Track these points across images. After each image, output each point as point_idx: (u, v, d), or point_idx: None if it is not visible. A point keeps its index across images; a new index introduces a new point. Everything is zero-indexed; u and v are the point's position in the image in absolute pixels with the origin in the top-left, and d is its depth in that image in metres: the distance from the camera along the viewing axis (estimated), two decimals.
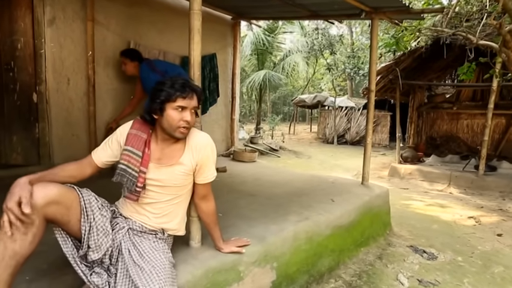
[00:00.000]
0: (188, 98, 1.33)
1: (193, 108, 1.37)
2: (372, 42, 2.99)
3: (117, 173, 1.37)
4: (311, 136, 13.69)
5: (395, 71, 5.58)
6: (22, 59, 3.06)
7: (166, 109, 1.33)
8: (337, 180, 3.41)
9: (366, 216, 2.76)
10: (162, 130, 1.39)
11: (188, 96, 1.33)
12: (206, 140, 1.47)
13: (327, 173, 6.37)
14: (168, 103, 1.32)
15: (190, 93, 1.34)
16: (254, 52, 11.15)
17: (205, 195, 1.54)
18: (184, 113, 1.34)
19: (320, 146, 11.29)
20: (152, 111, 1.36)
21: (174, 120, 1.33)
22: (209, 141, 1.48)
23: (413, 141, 6.97)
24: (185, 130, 1.36)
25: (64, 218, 1.23)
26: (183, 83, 1.34)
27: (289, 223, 2.10)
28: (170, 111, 1.33)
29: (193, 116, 1.39)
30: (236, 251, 1.63)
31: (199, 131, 1.51)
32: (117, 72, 3.51)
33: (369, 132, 3.11)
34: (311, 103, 13.14)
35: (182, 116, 1.33)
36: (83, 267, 1.29)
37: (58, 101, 3.14)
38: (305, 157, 8.62)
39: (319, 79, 21.17)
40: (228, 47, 4.73)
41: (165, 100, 1.32)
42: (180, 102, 1.32)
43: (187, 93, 1.32)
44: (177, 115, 1.33)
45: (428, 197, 4.75)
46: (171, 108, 1.33)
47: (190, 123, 1.36)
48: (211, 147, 1.48)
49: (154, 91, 1.33)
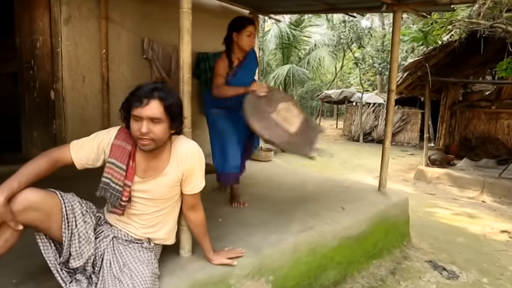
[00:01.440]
0: (141, 107, 1.20)
1: (151, 118, 1.21)
2: (394, 38, 2.75)
3: (101, 187, 1.32)
4: (336, 133, 13.27)
5: (424, 67, 5.18)
6: (41, 57, 3.16)
7: (130, 119, 1.25)
8: (352, 184, 3.22)
9: (380, 226, 2.57)
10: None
11: (142, 105, 1.20)
12: (192, 149, 1.38)
13: (348, 173, 6.12)
14: (130, 112, 1.24)
15: (145, 101, 1.20)
16: (279, 46, 10.94)
17: (194, 205, 1.46)
18: (140, 123, 1.23)
19: (345, 143, 10.90)
20: (124, 120, 1.29)
21: (133, 130, 1.25)
22: (195, 150, 1.40)
23: (444, 142, 6.49)
24: (145, 142, 1.24)
25: (44, 224, 1.21)
26: (142, 91, 1.23)
27: (290, 233, 1.98)
28: (131, 120, 1.25)
29: (157, 127, 1.23)
30: (227, 263, 1.55)
31: (186, 139, 1.42)
32: (131, 69, 3.53)
33: (388, 135, 2.88)
34: (337, 99, 12.71)
35: (139, 127, 1.23)
36: (64, 274, 1.27)
37: (74, 99, 3.21)
38: (327, 155, 8.34)
39: (348, 73, 20.44)
40: None
41: (127, 109, 1.24)
42: (134, 111, 1.22)
43: (140, 101, 1.20)
44: (135, 125, 1.24)
45: (456, 205, 4.39)
46: (132, 117, 1.24)
47: (151, 134, 1.23)
48: (198, 155, 1.40)
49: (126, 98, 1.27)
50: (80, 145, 1.32)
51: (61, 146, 1.32)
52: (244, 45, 2.27)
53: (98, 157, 1.32)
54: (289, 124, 2.09)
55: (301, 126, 2.14)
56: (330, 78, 20.32)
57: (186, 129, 1.51)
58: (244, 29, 2.22)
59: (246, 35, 2.23)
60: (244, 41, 2.24)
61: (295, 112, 2.22)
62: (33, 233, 1.25)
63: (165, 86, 1.30)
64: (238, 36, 2.25)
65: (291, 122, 2.12)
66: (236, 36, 2.26)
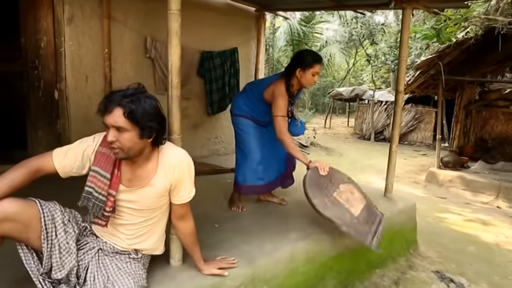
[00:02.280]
0: (106, 115, 1.17)
1: (114, 126, 1.16)
2: (403, 36, 2.62)
3: (83, 196, 1.27)
4: (347, 131, 13.04)
5: (437, 65, 4.96)
6: (45, 57, 3.17)
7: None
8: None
9: (385, 234, 2.45)
10: None
11: (106, 113, 1.16)
12: (180, 158, 1.33)
13: (357, 174, 5.96)
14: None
15: (109, 108, 1.16)
16: (289, 43, 10.79)
17: (183, 215, 1.42)
18: (108, 130, 1.19)
19: (355, 142, 10.70)
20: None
21: (106, 138, 1.21)
22: (183, 159, 1.34)
23: (458, 143, 6.25)
24: (114, 150, 1.20)
25: (22, 235, 1.18)
26: (109, 96, 1.18)
27: (287, 242, 1.91)
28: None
29: (124, 135, 1.17)
30: (217, 273, 1.50)
31: (174, 148, 1.36)
32: (134, 69, 3.51)
33: (395, 138, 2.76)
34: (348, 96, 12.46)
35: (107, 134, 1.19)
36: (47, 285, 1.24)
37: (77, 98, 3.21)
38: (336, 155, 8.20)
39: (360, 70, 20.04)
40: (251, 41, 4.54)
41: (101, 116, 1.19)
42: (104, 120, 1.18)
43: (105, 109, 1.16)
44: (107, 133, 1.20)
45: (468, 210, 4.21)
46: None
47: (117, 143, 1.17)
48: (187, 164, 1.34)
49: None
50: (64, 153, 1.27)
51: (43, 154, 1.27)
52: (307, 84, 2.14)
53: (83, 165, 1.28)
54: (351, 206, 2.01)
55: (364, 210, 2.06)
56: (342, 75, 19.98)
57: (175, 135, 1.46)
58: (311, 67, 2.07)
59: (311, 73, 2.09)
60: (308, 80, 2.11)
61: (357, 195, 2.14)
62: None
63: (139, 91, 1.21)
64: (302, 74, 2.10)
65: (353, 205, 2.03)
66: (300, 73, 2.10)
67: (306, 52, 2.24)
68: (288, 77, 2.15)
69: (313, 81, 2.15)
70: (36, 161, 1.25)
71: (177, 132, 1.45)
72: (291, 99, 2.20)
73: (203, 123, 4.33)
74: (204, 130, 4.37)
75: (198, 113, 4.21)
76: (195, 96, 4.10)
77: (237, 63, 4.32)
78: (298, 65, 2.12)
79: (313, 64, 2.09)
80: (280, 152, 2.34)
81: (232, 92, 4.35)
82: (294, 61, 2.17)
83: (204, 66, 4.03)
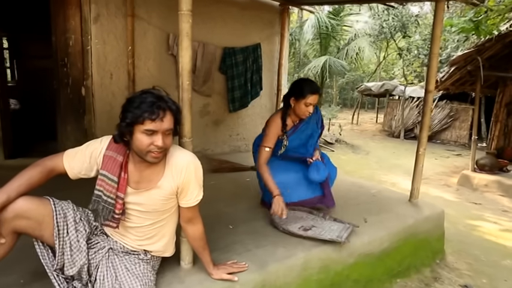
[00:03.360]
0: (158, 120, 1.15)
1: (166, 131, 1.19)
2: (435, 31, 2.42)
3: (93, 200, 1.29)
4: (375, 128, 12.56)
5: (476, 60, 4.59)
6: (73, 55, 3.28)
7: (134, 132, 1.17)
8: (380, 192, 2.97)
9: (407, 242, 2.33)
10: (135, 153, 1.25)
11: (158, 118, 1.15)
12: (187, 160, 1.31)
13: (383, 174, 5.74)
14: (136, 125, 1.16)
15: (161, 113, 1.15)
16: (316, 37, 10.50)
17: (191, 218, 1.40)
18: (154, 137, 1.17)
19: (384, 140, 10.27)
20: (121, 134, 1.22)
21: (143, 144, 1.18)
22: (191, 161, 1.31)
23: (496, 144, 5.80)
24: (158, 154, 1.21)
25: (36, 232, 1.22)
26: (152, 102, 1.15)
27: (301, 247, 1.85)
28: (138, 134, 1.17)
29: (169, 138, 1.22)
30: (227, 278, 1.48)
31: (181, 150, 1.35)
32: (157, 66, 3.56)
33: (423, 141, 2.58)
34: (378, 92, 11.98)
35: (152, 141, 1.17)
36: (61, 280, 1.28)
37: (102, 95, 3.31)
38: (363, 153, 7.92)
39: (391, 64, 19.18)
40: (274, 36, 4.44)
41: (131, 123, 1.16)
42: (148, 126, 1.15)
43: (156, 114, 1.14)
44: (147, 139, 1.17)
45: (506, 219, 3.89)
46: (139, 131, 1.16)
47: (164, 147, 1.20)
48: (194, 167, 1.32)
49: (122, 111, 1.19)
50: (73, 154, 1.30)
51: (57, 154, 1.30)
52: (301, 114, 2.08)
53: (91, 167, 1.30)
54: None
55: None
56: (372, 69, 19.24)
57: (185, 139, 1.43)
58: (304, 97, 2.00)
59: (304, 103, 2.02)
60: (302, 110, 2.04)
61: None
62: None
63: (160, 91, 1.23)
64: (296, 103, 2.05)
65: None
66: (293, 102, 2.06)
67: (303, 81, 2.15)
68: (285, 107, 2.14)
69: (307, 112, 2.06)
70: (50, 161, 1.29)
71: (187, 136, 1.42)
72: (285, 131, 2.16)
73: (225, 120, 4.32)
74: (226, 127, 4.36)
75: (220, 109, 4.21)
76: (217, 93, 4.09)
77: (259, 59, 4.25)
78: (292, 93, 2.08)
79: (306, 94, 2.01)
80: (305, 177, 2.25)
81: (254, 89, 4.30)
82: (290, 89, 2.14)
83: (226, 63, 4.00)
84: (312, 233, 1.97)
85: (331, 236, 1.92)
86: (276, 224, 2.09)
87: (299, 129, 2.22)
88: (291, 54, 11.96)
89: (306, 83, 2.10)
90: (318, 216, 2.24)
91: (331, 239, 1.89)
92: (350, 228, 2.02)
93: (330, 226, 2.07)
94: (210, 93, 4.00)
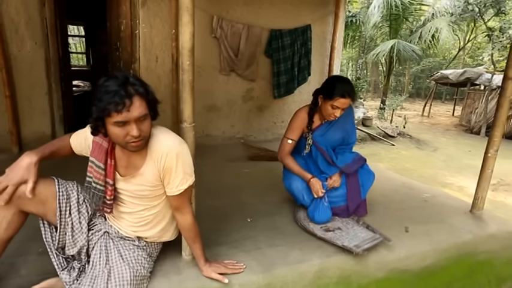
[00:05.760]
0: (125, 111, 1.03)
1: (139, 117, 1.07)
2: None
3: (85, 186, 1.28)
4: (450, 122, 11.04)
5: None
6: (124, 39, 3.44)
7: (106, 125, 1.08)
8: (435, 197, 2.53)
9: (460, 262, 1.93)
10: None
11: (125, 108, 1.02)
12: (168, 146, 1.19)
13: (450, 175, 4.98)
14: (106, 118, 1.05)
15: (127, 102, 1.03)
16: (385, 18, 9.48)
17: (178, 207, 1.30)
18: (127, 127, 1.07)
19: (459, 135, 8.96)
20: (94, 129, 1.13)
21: (119, 136, 1.09)
22: (174, 147, 1.20)
23: None
24: (137, 143, 1.11)
25: (40, 211, 1.25)
26: (114, 92, 1.02)
27: (319, 252, 1.64)
28: (110, 127, 1.07)
29: (145, 123, 1.11)
30: (216, 278, 1.37)
31: (165, 134, 1.22)
32: (200, 49, 3.52)
33: (495, 140, 2.09)
34: (457, 80, 10.42)
35: (127, 131, 1.08)
36: (61, 260, 1.31)
37: (147, 78, 3.32)
38: (429, 149, 7.00)
39: (477, 49, 16.47)
40: (328, 16, 4.08)
41: (97, 118, 1.06)
42: (116, 118, 1.04)
43: (121, 105, 1.02)
44: (120, 131, 1.07)
45: None
46: (110, 124, 1.06)
47: (141, 135, 1.10)
48: (176, 153, 1.19)
49: (88, 105, 1.08)
50: (79, 134, 1.33)
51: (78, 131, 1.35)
52: (326, 115, 1.88)
53: (87, 149, 1.30)
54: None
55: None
56: (454, 54, 16.83)
57: (185, 124, 1.33)
58: (331, 99, 1.81)
59: (330, 105, 1.82)
60: (328, 111, 1.85)
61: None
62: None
63: (126, 72, 1.12)
64: (323, 102, 1.87)
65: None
66: (321, 100, 1.88)
67: (337, 80, 1.90)
68: (314, 103, 1.94)
69: (333, 115, 1.85)
70: (69, 136, 1.35)
71: (188, 121, 1.31)
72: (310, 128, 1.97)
73: (269, 106, 4.17)
74: (270, 113, 4.20)
75: (264, 95, 4.06)
76: (261, 78, 3.94)
77: (309, 41, 3.96)
78: (322, 91, 1.89)
79: (334, 97, 1.80)
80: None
81: (301, 74, 4.03)
82: (322, 85, 1.91)
83: (272, 46, 3.81)
84: (332, 235, 1.75)
85: (348, 243, 1.67)
86: (297, 219, 1.92)
87: (327, 130, 1.99)
88: (356, 39, 11.04)
89: (339, 83, 1.85)
90: (351, 219, 1.98)
91: (345, 246, 1.64)
92: (378, 240, 1.72)
93: (357, 233, 1.80)
94: (253, 77, 3.86)
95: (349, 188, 1.99)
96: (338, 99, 1.79)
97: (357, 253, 1.59)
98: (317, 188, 1.90)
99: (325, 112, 1.88)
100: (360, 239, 1.72)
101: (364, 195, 2.07)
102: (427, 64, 18.48)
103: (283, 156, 1.98)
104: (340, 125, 2.01)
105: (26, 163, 1.16)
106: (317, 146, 1.99)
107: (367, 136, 7.19)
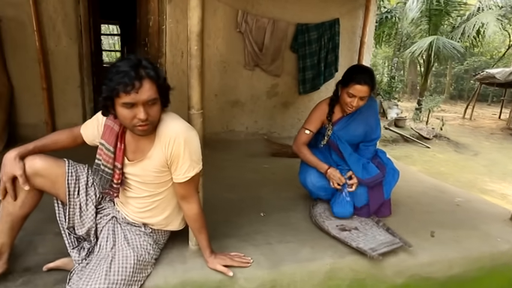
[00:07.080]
0: (133, 92, 1.03)
1: (148, 101, 1.07)
2: None
3: (94, 168, 1.30)
4: (496, 125, 10.18)
5: None
6: (152, 35, 3.53)
7: (115, 105, 1.09)
8: (470, 202, 2.31)
9: (495, 273, 1.74)
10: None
11: (133, 90, 1.03)
12: (176, 131, 1.18)
13: (491, 182, 4.57)
14: (115, 99, 1.06)
15: (137, 84, 1.03)
16: (424, 14, 8.94)
17: (184, 196, 1.29)
18: (135, 109, 1.07)
19: (504, 140, 8.23)
20: (104, 108, 1.14)
21: (126, 118, 1.09)
22: (180, 133, 1.18)
23: None
24: (144, 127, 1.11)
25: (51, 190, 1.29)
26: (125, 73, 1.02)
27: (331, 252, 1.56)
28: (119, 108, 1.08)
29: (154, 108, 1.10)
30: (220, 270, 1.33)
31: (174, 119, 1.21)
32: (225, 43, 3.54)
33: None
34: (505, 80, 9.58)
35: (134, 113, 1.08)
36: (72, 239, 1.34)
37: (173, 73, 3.48)
38: (469, 153, 6.49)
39: None
40: (358, 10, 3.90)
41: (107, 97, 1.07)
42: (124, 99, 1.04)
43: (130, 86, 1.02)
44: (128, 113, 1.07)
45: None
46: (119, 105, 1.07)
47: (148, 119, 1.09)
48: (184, 139, 1.18)
49: (100, 84, 1.10)
50: (89, 123, 1.35)
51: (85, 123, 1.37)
52: (344, 104, 1.79)
53: (99, 135, 1.30)
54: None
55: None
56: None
57: (193, 110, 1.31)
58: (347, 86, 1.73)
59: (346, 93, 1.73)
60: (344, 100, 1.76)
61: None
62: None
63: (140, 56, 1.11)
64: (341, 91, 1.78)
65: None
66: (340, 89, 1.80)
67: (353, 68, 1.82)
68: (336, 92, 1.85)
69: (349, 104, 1.75)
70: (77, 128, 1.37)
71: (195, 107, 1.30)
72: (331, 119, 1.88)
73: (295, 102, 4.08)
74: (295, 110, 4.11)
75: (289, 91, 3.98)
76: (286, 73, 3.86)
77: (336, 36, 3.81)
78: (341, 80, 1.81)
79: (349, 83, 1.72)
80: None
81: (328, 69, 3.90)
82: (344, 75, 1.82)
83: (298, 41, 3.72)
84: (347, 235, 1.64)
85: (364, 245, 1.55)
86: (312, 215, 1.85)
87: (348, 123, 1.89)
88: (391, 36, 10.51)
89: (355, 70, 1.77)
90: (371, 219, 1.86)
91: (359, 248, 1.53)
92: (397, 245, 1.59)
93: (376, 235, 1.68)
94: (278, 73, 3.79)
95: (371, 186, 1.87)
96: (353, 86, 1.69)
97: (371, 257, 1.48)
98: (337, 177, 1.80)
99: (342, 101, 1.79)
100: (377, 242, 1.60)
101: (388, 194, 1.93)
102: (471, 64, 17.20)
103: (299, 145, 1.91)
104: (362, 119, 1.90)
105: (7, 160, 1.18)
106: (330, 142, 1.90)
107: (399, 137, 6.83)
